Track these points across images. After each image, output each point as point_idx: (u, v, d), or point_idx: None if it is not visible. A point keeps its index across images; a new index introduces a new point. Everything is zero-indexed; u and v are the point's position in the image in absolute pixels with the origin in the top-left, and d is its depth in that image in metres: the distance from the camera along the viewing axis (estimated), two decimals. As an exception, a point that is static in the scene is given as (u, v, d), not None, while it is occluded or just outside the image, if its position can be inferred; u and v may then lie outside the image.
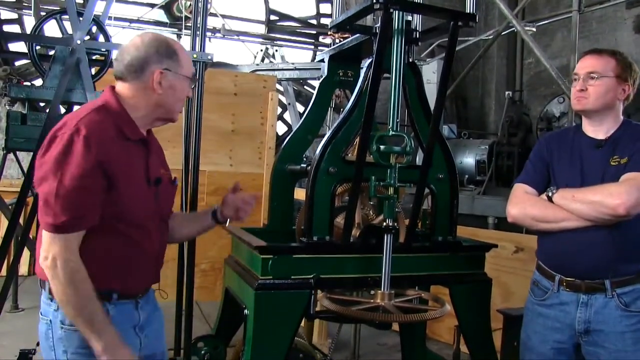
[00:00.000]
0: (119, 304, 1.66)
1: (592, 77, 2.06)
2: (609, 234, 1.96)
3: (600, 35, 8.38)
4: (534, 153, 2.27)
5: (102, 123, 1.60)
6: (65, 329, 1.59)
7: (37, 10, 6.90)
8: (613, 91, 2.06)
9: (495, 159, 6.64)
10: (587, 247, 1.99)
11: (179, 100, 1.76)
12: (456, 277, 2.39)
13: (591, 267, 2.01)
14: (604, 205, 1.91)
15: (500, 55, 10.04)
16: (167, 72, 1.69)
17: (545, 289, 2.13)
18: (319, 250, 2.19)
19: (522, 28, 5.85)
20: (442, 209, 2.39)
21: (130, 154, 1.66)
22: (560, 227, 2.03)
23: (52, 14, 3.47)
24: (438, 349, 4.06)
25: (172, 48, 1.72)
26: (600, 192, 1.94)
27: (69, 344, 1.59)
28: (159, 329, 1.86)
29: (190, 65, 1.78)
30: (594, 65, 2.08)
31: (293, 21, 10.45)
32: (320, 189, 2.20)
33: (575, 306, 2.03)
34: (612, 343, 1.98)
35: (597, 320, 2.00)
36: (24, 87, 3.32)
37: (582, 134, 2.15)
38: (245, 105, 5.67)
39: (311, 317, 2.25)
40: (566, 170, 2.11)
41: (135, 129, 1.69)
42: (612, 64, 2.06)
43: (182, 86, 1.74)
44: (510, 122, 6.76)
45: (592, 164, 2.06)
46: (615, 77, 2.06)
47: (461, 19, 2.07)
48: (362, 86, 2.29)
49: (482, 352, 2.46)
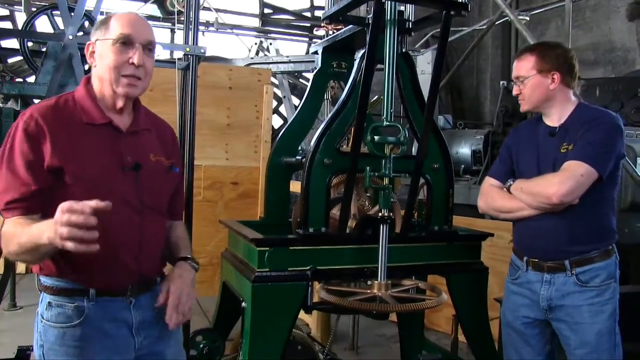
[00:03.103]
0: (101, 302, 1.58)
1: (520, 81, 2.21)
2: (561, 219, 2.08)
3: (594, 24, 8.37)
4: (502, 145, 2.42)
5: (49, 109, 1.57)
6: (44, 323, 1.57)
7: (28, 6, 6.86)
8: (540, 86, 2.16)
9: (491, 149, 6.63)
10: (544, 232, 2.13)
11: (110, 68, 1.59)
12: (453, 266, 2.41)
13: (548, 249, 2.14)
14: (541, 195, 2.06)
15: (495, 44, 10.03)
16: (96, 42, 1.62)
17: (517, 268, 2.26)
18: (315, 242, 2.19)
19: (516, 17, 5.84)
20: (438, 198, 2.40)
21: (93, 139, 1.59)
22: (517, 216, 2.18)
23: (43, 9, 3.46)
24: (436, 339, 4.08)
25: (106, 18, 1.64)
26: (540, 183, 2.08)
27: (45, 339, 1.57)
28: (166, 328, 1.65)
29: (121, 27, 1.60)
30: (518, 69, 2.22)
31: (287, 14, 10.41)
32: (315, 180, 2.20)
33: (540, 285, 2.16)
34: (571, 316, 2.10)
35: (558, 296, 2.12)
36: (17, 84, 3.30)
37: (541, 123, 2.25)
38: (240, 99, 5.65)
39: (309, 308, 2.25)
40: (526, 159, 2.23)
41: (97, 113, 1.61)
42: (532, 62, 2.17)
43: (107, 52, 1.59)
44: (505, 111, 6.74)
45: (547, 152, 2.16)
46: (537, 72, 2.15)
47: (453, 9, 2.06)
48: (356, 77, 2.29)
49: (479, 341, 2.48)
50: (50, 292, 1.59)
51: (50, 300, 1.58)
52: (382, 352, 4.17)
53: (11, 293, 4.88)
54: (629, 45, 8.05)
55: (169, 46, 4.11)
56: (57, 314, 1.57)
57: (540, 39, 8.30)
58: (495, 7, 7.13)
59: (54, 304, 1.58)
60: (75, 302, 1.57)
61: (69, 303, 1.57)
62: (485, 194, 2.30)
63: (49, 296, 1.59)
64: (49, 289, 1.59)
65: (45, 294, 1.60)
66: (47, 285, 1.60)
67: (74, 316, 1.56)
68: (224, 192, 5.01)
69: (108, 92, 1.63)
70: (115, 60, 1.59)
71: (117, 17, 1.64)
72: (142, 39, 1.62)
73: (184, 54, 3.15)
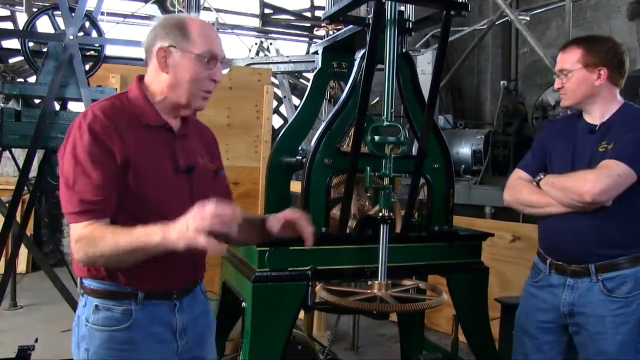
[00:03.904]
0: (148, 305, 1.56)
1: (563, 74, 2.09)
2: (590, 219, 1.98)
3: (595, 24, 8.36)
4: (536, 139, 2.32)
5: (111, 109, 1.53)
6: (89, 327, 1.54)
7: (29, 6, 6.87)
8: (585, 82, 2.05)
9: (492, 149, 6.64)
10: (571, 232, 2.03)
11: (189, 83, 1.55)
12: (453, 266, 2.40)
13: (575, 251, 2.05)
14: (574, 192, 1.95)
15: (495, 44, 10.02)
16: (172, 49, 1.53)
17: (539, 271, 2.18)
18: (316, 242, 2.19)
19: (516, 17, 5.84)
20: (438, 198, 2.39)
21: (151, 140, 1.57)
22: (544, 212, 2.08)
23: (44, 9, 3.46)
24: (437, 339, 4.08)
25: (181, 22, 1.55)
26: (574, 178, 1.97)
27: (91, 342, 1.54)
28: (205, 333, 1.73)
29: (205, 42, 1.55)
30: (562, 61, 2.10)
31: (287, 14, 10.40)
32: (315, 181, 2.20)
33: (562, 289, 2.08)
34: (593, 326, 2.01)
35: (580, 303, 2.04)
36: (18, 84, 3.30)
37: (581, 119, 2.15)
38: (241, 99, 5.65)
39: (309, 308, 2.25)
40: (560, 156, 2.13)
41: (154, 115, 1.58)
42: (578, 55, 2.06)
43: (190, 65, 1.54)
44: (506, 111, 6.75)
45: (583, 150, 2.06)
46: (583, 67, 2.04)
47: (454, 9, 2.06)
48: (356, 77, 2.29)
49: (480, 341, 2.48)
50: (97, 295, 1.55)
51: (97, 303, 1.55)
52: (383, 352, 4.17)
53: (12, 293, 4.89)
54: (629, 45, 8.04)
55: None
56: (104, 318, 1.54)
57: (541, 39, 8.30)
58: (495, 7, 7.12)
59: (102, 308, 1.54)
60: (123, 305, 1.55)
61: (117, 306, 1.54)
62: (513, 186, 2.20)
63: (95, 299, 1.55)
64: (95, 292, 1.55)
65: (91, 297, 1.56)
66: (94, 289, 1.56)
67: (122, 319, 1.54)
68: (224, 192, 5.00)
69: (179, 101, 1.58)
70: (198, 74, 1.55)
71: (197, 27, 1.57)
72: (222, 55, 1.60)
73: (184, 54, 3.14)
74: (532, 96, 8.20)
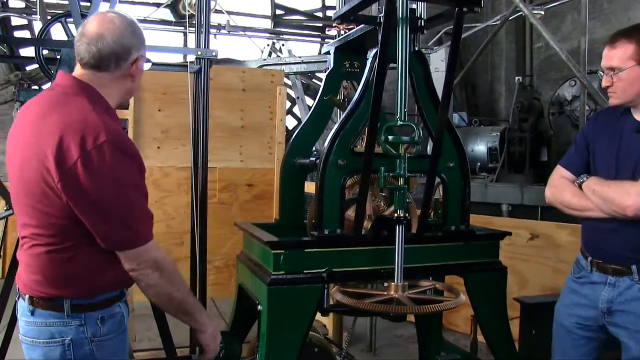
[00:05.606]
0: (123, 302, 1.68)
1: (612, 71, 1.97)
2: (629, 226, 1.95)
3: (612, 15, 8.22)
4: (579, 133, 2.26)
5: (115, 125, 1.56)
6: (97, 342, 1.55)
7: (43, 14, 6.94)
8: (639, 80, 1.93)
9: (507, 146, 6.56)
10: (612, 235, 2.01)
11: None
12: (470, 266, 2.37)
13: (615, 253, 2.03)
14: (616, 204, 1.92)
15: (509, 40, 9.91)
16: (141, 57, 1.62)
17: (581, 267, 2.16)
18: (331, 244, 2.18)
19: (530, 12, 5.76)
20: (454, 197, 2.36)
21: None
22: (585, 215, 2.08)
23: (57, 17, 3.48)
24: (455, 340, 4.04)
25: (140, 29, 1.63)
26: (616, 190, 1.93)
27: (100, 355, 1.55)
28: None
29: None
30: (611, 58, 1.97)
31: (299, 15, 10.41)
32: (329, 181, 2.18)
33: (602, 286, 2.06)
34: (633, 324, 1.99)
35: (620, 300, 2.02)
36: (32, 91, 3.34)
37: (628, 114, 2.05)
38: (254, 100, 5.65)
39: (325, 311, 2.24)
40: (604, 153, 2.06)
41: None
42: (630, 50, 1.91)
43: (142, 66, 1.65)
44: (521, 107, 6.65)
45: (629, 149, 1.98)
46: (637, 64, 1.91)
47: (466, 5, 2.03)
48: (369, 77, 2.27)
49: (499, 342, 2.44)
50: (98, 307, 1.58)
51: (101, 315, 1.58)
52: (400, 353, 4.14)
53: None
54: (647, 38, 7.89)
55: (180, 50, 4.13)
56: (110, 324, 1.60)
57: (556, 33, 8.20)
58: (508, 2, 7.05)
59: (107, 317, 1.59)
60: (119, 307, 1.64)
61: (117, 309, 1.63)
62: (555, 186, 2.16)
63: (96, 312, 1.57)
64: (95, 306, 1.57)
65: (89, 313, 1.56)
66: (98, 302, 1.58)
67: (122, 320, 1.65)
68: (238, 194, 5.02)
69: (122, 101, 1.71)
70: None
71: None
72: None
73: (195, 58, 3.16)
74: (547, 91, 8.09)
